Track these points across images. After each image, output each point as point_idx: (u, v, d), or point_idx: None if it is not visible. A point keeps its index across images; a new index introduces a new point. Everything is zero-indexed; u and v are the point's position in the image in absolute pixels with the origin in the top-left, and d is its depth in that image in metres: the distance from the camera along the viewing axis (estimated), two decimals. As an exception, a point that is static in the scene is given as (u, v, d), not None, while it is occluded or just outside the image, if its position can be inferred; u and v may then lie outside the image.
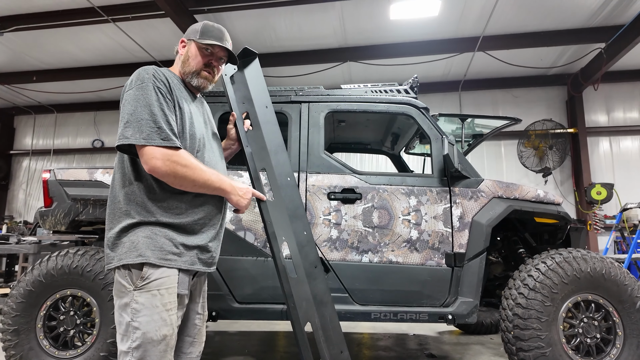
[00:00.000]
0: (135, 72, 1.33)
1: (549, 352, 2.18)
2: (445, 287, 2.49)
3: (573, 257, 2.32)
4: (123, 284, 1.24)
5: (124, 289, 1.23)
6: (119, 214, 1.27)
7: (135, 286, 1.23)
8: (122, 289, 1.24)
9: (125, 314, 1.22)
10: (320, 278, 1.91)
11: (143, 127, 1.23)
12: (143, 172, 1.28)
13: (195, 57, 1.45)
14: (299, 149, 2.70)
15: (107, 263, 1.26)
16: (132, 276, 1.24)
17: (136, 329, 1.21)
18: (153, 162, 1.22)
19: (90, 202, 2.67)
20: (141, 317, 1.21)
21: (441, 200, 2.58)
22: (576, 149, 7.85)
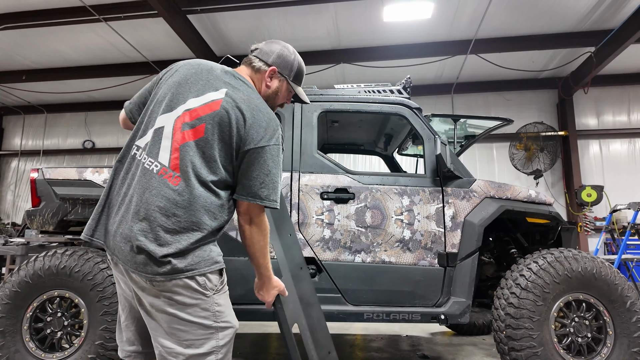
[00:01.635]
0: (276, 124, 1.37)
1: (541, 351, 2.19)
2: (438, 287, 2.49)
3: (564, 257, 2.34)
4: (200, 290, 1.25)
5: (202, 295, 1.26)
6: (205, 225, 1.29)
7: (216, 290, 1.29)
8: (196, 295, 1.25)
9: (205, 318, 1.26)
10: (307, 280, 1.90)
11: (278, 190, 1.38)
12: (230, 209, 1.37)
13: (284, 96, 1.56)
14: (291, 149, 2.68)
15: (176, 272, 1.22)
16: (208, 282, 1.27)
17: (225, 328, 1.29)
18: (261, 219, 1.37)
19: (79, 202, 2.63)
20: (226, 316, 1.31)
21: (434, 200, 2.58)
22: (567, 151, 7.94)
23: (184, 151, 1.27)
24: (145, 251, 1.20)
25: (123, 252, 1.23)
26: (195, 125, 1.29)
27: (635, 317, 2.26)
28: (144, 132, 1.35)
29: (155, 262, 1.20)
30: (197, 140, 1.28)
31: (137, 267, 1.21)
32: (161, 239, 1.21)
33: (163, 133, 1.31)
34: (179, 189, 1.24)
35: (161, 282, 1.21)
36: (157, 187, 1.24)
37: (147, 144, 1.31)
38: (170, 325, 1.24)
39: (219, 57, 7.46)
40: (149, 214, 1.22)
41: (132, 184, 1.29)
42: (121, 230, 1.24)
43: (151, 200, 1.23)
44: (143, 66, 7.64)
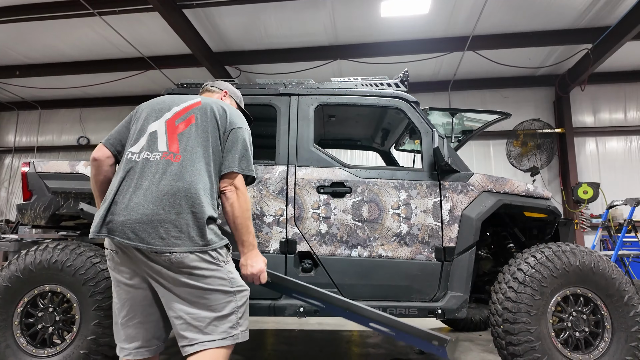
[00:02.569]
0: (239, 114, 1.73)
1: (538, 345, 2.17)
2: (435, 281, 2.47)
3: (562, 251, 2.32)
4: (214, 262, 1.46)
5: (216, 266, 1.47)
6: (208, 207, 1.49)
7: (227, 261, 1.53)
8: (212, 267, 1.45)
9: (223, 285, 1.46)
10: None
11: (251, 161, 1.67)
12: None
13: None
14: (287, 143, 2.65)
15: (198, 245, 1.43)
16: (220, 255, 1.49)
17: (241, 291, 1.52)
18: (244, 187, 1.61)
19: (71, 196, 2.59)
20: (239, 280, 1.54)
21: (431, 194, 2.56)
22: (563, 148, 7.95)
23: (180, 137, 1.54)
24: (168, 231, 1.39)
25: (142, 236, 1.37)
26: (185, 117, 1.59)
27: (633, 312, 2.25)
28: (136, 140, 1.57)
29: (179, 239, 1.40)
30: (190, 126, 1.57)
31: (159, 246, 1.37)
32: (180, 220, 1.41)
33: (157, 134, 1.56)
34: (182, 163, 1.48)
35: (181, 259, 1.39)
36: (163, 168, 1.47)
37: (143, 147, 1.54)
38: (193, 295, 1.42)
39: (215, 53, 7.41)
40: (166, 198, 1.42)
41: (138, 178, 1.46)
42: (138, 217, 1.38)
43: (164, 182, 1.44)
44: (138, 62, 7.57)
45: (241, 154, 1.61)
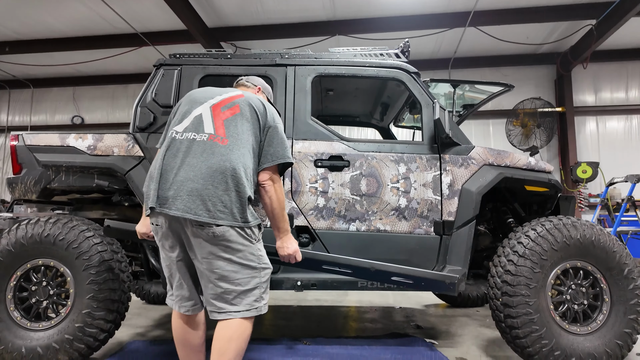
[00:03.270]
0: (275, 111, 1.87)
1: (537, 318, 2.16)
2: (433, 255, 2.44)
3: (563, 224, 2.29)
4: (248, 238, 1.62)
5: (249, 243, 1.62)
6: (249, 188, 1.64)
7: (258, 239, 1.68)
8: (246, 243, 1.61)
9: (251, 261, 1.61)
10: None
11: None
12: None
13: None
14: (284, 115, 2.58)
15: (238, 221, 1.58)
16: (253, 233, 1.64)
17: (265, 268, 1.67)
18: (280, 180, 1.80)
19: (62, 169, 2.52)
20: (265, 259, 1.69)
21: (431, 167, 2.51)
22: (563, 128, 7.88)
23: (227, 124, 1.68)
24: (215, 205, 1.53)
25: (190, 207, 1.51)
26: (230, 106, 1.73)
27: (633, 285, 2.24)
28: (180, 121, 1.73)
29: (224, 213, 1.54)
30: (235, 115, 1.71)
31: (206, 217, 1.51)
32: (226, 197, 1.55)
33: (202, 117, 1.70)
34: (228, 146, 1.63)
35: (223, 232, 1.54)
36: (211, 149, 1.61)
37: (187, 127, 1.68)
38: (225, 269, 1.57)
39: (210, 29, 7.21)
40: (214, 175, 1.56)
41: (185, 156, 1.60)
42: (188, 190, 1.53)
43: (213, 161, 1.58)
44: (132, 38, 7.37)
45: (280, 148, 1.76)
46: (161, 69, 2.65)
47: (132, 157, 2.51)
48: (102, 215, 2.78)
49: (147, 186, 1.64)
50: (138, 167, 2.49)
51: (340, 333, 3.04)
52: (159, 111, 2.60)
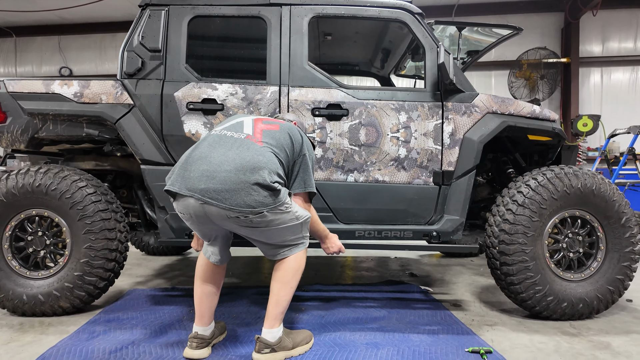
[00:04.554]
0: (309, 143, 1.96)
1: (532, 265, 2.19)
2: (432, 205, 2.43)
3: (565, 173, 2.25)
4: (284, 211, 1.69)
5: (286, 213, 1.70)
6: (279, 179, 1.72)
7: (291, 204, 1.75)
8: (283, 215, 1.69)
9: (291, 221, 1.73)
10: None
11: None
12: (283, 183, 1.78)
13: None
14: (279, 60, 2.44)
15: (272, 204, 1.64)
16: (285, 204, 1.70)
17: (305, 218, 1.81)
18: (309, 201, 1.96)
19: (49, 118, 2.42)
20: (302, 212, 1.80)
21: (433, 116, 2.42)
22: (567, 80, 7.68)
23: (265, 133, 1.78)
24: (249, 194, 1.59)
25: (225, 197, 1.57)
26: (271, 123, 1.86)
27: (629, 233, 2.25)
28: (222, 125, 1.86)
29: (256, 201, 1.61)
30: (273, 131, 1.81)
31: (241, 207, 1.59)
32: (259, 186, 1.60)
33: (244, 123, 1.83)
34: (263, 147, 1.72)
35: (260, 219, 1.63)
36: (247, 145, 1.69)
37: (227, 128, 1.81)
38: (271, 238, 1.75)
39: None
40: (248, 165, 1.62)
41: (219, 146, 1.69)
42: (222, 178, 1.58)
43: (248, 154, 1.65)
44: (116, -19, 6.90)
45: (309, 177, 1.88)
46: (147, 9, 2.47)
47: (122, 105, 2.40)
48: (95, 166, 2.71)
49: (174, 172, 1.69)
50: (128, 115, 2.40)
51: (337, 281, 3.10)
52: (147, 55, 2.45)
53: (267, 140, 1.75)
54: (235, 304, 2.51)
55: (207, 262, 1.86)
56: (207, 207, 1.59)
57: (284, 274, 1.78)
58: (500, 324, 2.22)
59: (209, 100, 2.41)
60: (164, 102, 2.41)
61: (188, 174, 1.62)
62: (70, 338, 1.98)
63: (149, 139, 2.39)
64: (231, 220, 1.62)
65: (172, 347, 1.88)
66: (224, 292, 2.74)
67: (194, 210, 1.62)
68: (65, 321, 2.23)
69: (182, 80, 2.44)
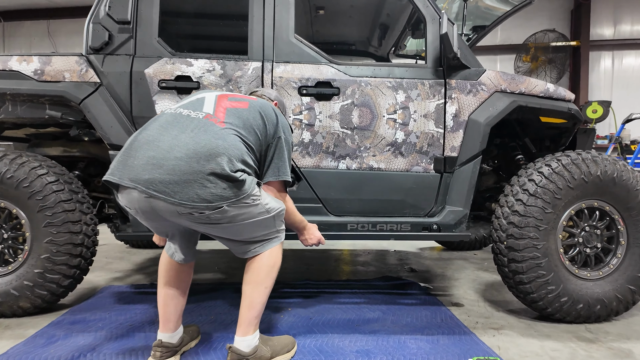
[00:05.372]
0: (288, 125, 1.70)
1: (544, 262, 1.95)
2: (432, 195, 2.18)
3: (582, 159, 2.00)
4: (251, 204, 1.44)
5: (253, 206, 1.45)
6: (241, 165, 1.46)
7: (260, 195, 1.49)
8: (249, 208, 1.44)
9: (261, 215, 1.49)
10: None
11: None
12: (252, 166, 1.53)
13: None
14: (262, 33, 2.18)
15: (234, 197, 1.38)
16: (253, 196, 1.45)
17: (277, 211, 1.56)
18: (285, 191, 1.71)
19: (7, 98, 2.18)
20: (273, 204, 1.55)
21: (434, 95, 2.16)
22: (576, 64, 7.35)
23: (229, 112, 1.52)
24: (204, 187, 1.32)
25: (174, 191, 1.30)
26: (239, 100, 1.59)
27: (653, 226, 2.01)
28: (179, 102, 1.60)
29: (212, 195, 1.35)
30: (241, 109, 1.55)
31: (195, 202, 1.32)
32: (216, 175, 1.34)
33: (205, 100, 1.56)
34: (225, 129, 1.44)
35: (219, 215, 1.39)
36: (205, 126, 1.42)
37: (184, 105, 1.54)
38: (237, 235, 1.51)
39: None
40: (202, 151, 1.35)
41: (169, 128, 1.41)
42: (170, 168, 1.31)
43: (204, 137, 1.38)
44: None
45: (284, 163, 1.63)
46: (115, -25, 2.20)
47: (87, 83, 2.15)
48: (63, 152, 2.48)
49: (116, 158, 1.41)
50: (94, 94, 2.15)
51: (330, 277, 2.88)
52: (115, 28, 2.20)
53: (231, 120, 1.49)
54: (216, 303, 2.30)
55: (170, 260, 1.62)
56: (154, 202, 1.32)
57: (257, 273, 1.54)
58: (507, 327, 1.99)
59: (183, 77, 2.15)
60: (133, 79, 2.16)
61: (132, 162, 1.34)
62: (25, 344, 1.76)
63: (118, 122, 2.14)
64: (184, 216, 1.36)
65: (136, 354, 1.67)
66: (205, 290, 2.52)
67: (139, 204, 1.35)
68: (26, 323, 2.02)
69: (154, 55, 2.18)
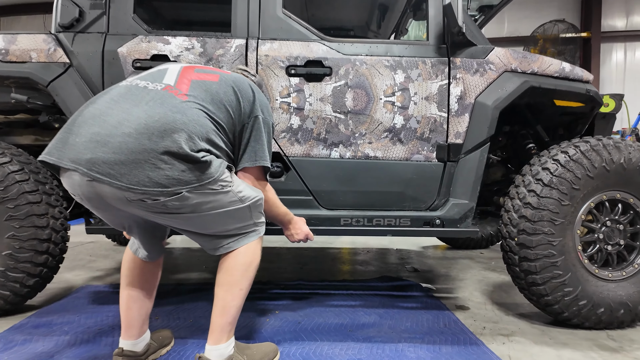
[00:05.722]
0: (267, 103, 1.47)
1: (561, 261, 1.73)
2: (434, 186, 1.97)
3: (603, 145, 1.78)
4: (220, 191, 1.25)
5: (222, 194, 1.26)
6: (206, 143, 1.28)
7: (232, 182, 1.31)
8: (217, 196, 1.25)
9: (233, 205, 1.29)
10: None
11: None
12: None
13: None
14: (247, 7, 1.98)
15: (196, 182, 1.18)
16: (223, 182, 1.27)
17: (254, 201, 1.37)
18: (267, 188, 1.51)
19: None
20: (249, 192, 1.36)
21: (437, 75, 1.95)
22: (586, 56, 7.08)
23: (194, 84, 1.30)
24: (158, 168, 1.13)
25: (121, 173, 1.09)
26: (208, 72, 1.39)
27: (685, 221, 1.78)
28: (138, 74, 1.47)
29: (167, 178, 1.16)
30: (209, 82, 1.34)
31: (148, 186, 1.12)
32: (172, 155, 1.15)
33: (168, 71, 1.35)
34: (186, 103, 1.23)
35: (177, 203, 1.19)
36: (162, 98, 1.21)
37: (142, 77, 1.33)
38: (205, 229, 1.31)
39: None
40: (155, 126, 1.15)
41: (120, 101, 1.21)
42: (115, 147, 1.10)
43: (158, 111, 1.17)
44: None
45: (262, 146, 1.41)
46: (86, -54, 2.02)
47: (55, 64, 1.97)
48: (34, 140, 2.29)
49: (56, 136, 1.19)
50: (63, 76, 1.96)
51: (325, 277, 2.68)
52: (86, 4, 2.01)
53: (196, 93, 1.28)
54: (198, 305, 2.10)
55: (134, 257, 1.43)
56: (98, 186, 1.11)
57: (231, 273, 1.33)
58: (518, 334, 1.78)
59: (159, 56, 1.96)
60: (105, 59, 1.97)
61: (73, 139, 1.13)
62: (-23, 350, 1.58)
63: (88, 106, 1.95)
64: (135, 204, 1.15)
65: (97, 364, 1.48)
66: (188, 290, 2.33)
67: (82, 189, 1.14)
68: (-14, 326, 1.83)
69: (129, 33, 1.99)
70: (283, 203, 1.95)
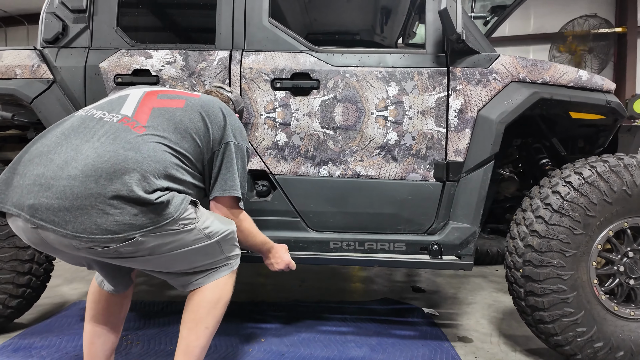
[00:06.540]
0: (241, 127, 1.40)
1: (572, 297, 1.53)
2: (432, 208, 1.80)
3: (624, 166, 1.56)
4: (181, 231, 1.16)
5: (185, 233, 1.16)
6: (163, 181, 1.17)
7: (196, 219, 1.22)
8: (179, 236, 1.15)
9: (199, 242, 1.20)
10: None
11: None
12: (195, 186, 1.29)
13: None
14: (232, 17, 1.88)
15: (152, 224, 1.08)
16: (184, 220, 1.18)
17: (223, 235, 1.28)
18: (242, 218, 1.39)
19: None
20: (217, 227, 1.27)
21: (434, 86, 1.78)
22: (621, 53, 6.60)
23: (155, 112, 1.22)
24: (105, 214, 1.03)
25: (66, 220, 1.00)
26: (173, 97, 1.30)
27: None
28: (97, 102, 1.32)
29: (117, 224, 1.07)
30: (173, 109, 1.25)
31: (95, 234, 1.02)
32: (121, 199, 1.04)
33: (127, 98, 1.26)
34: (142, 137, 1.13)
35: (131, 249, 1.09)
36: (115, 133, 1.12)
37: (100, 105, 1.24)
38: (169, 268, 1.24)
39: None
40: (104, 167, 1.05)
41: (70, 136, 1.11)
42: (59, 192, 1.01)
43: (108, 148, 1.07)
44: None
45: (233, 175, 1.31)
46: (70, -41, 1.97)
47: (39, 80, 1.93)
48: (26, 156, 2.28)
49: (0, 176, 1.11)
50: (47, 92, 1.92)
51: (322, 296, 2.54)
52: (70, 18, 1.96)
53: (156, 122, 1.18)
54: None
55: (99, 289, 1.35)
56: (43, 233, 1.02)
57: (196, 310, 1.23)
58: (524, 377, 1.59)
59: (140, 71, 1.88)
60: (87, 75, 1.91)
61: (17, 181, 1.04)
62: (-51, 377, 1.55)
63: (71, 123, 1.90)
64: (84, 251, 1.06)
65: (61, 399, 1.41)
66: (176, 310, 2.25)
67: (27, 235, 1.07)
68: (-32, 348, 1.81)
69: (112, 47, 1.93)
70: (269, 224, 1.85)
